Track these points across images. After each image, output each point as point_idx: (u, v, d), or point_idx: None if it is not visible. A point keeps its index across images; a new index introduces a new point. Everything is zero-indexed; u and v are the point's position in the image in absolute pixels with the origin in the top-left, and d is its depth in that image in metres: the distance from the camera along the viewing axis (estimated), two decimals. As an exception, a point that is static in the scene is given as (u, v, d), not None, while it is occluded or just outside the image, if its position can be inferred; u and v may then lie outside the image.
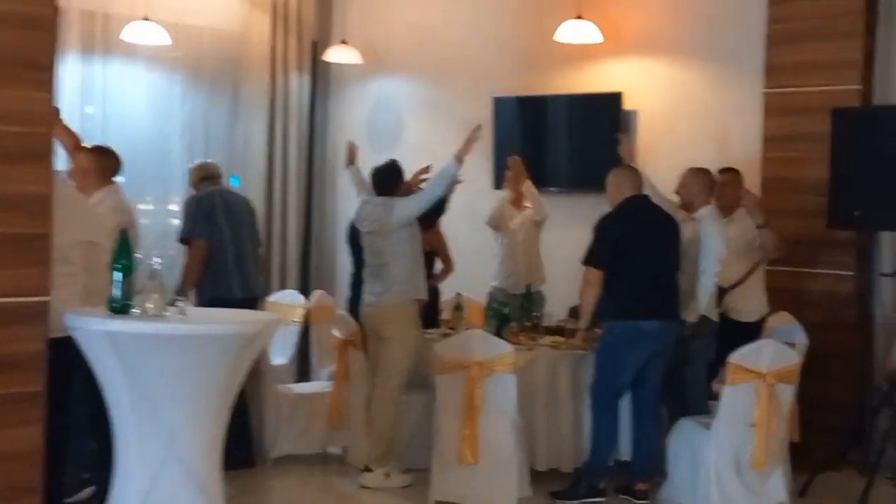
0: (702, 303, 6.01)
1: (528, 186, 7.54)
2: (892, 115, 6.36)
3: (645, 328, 5.79)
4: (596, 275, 5.81)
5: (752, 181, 7.18)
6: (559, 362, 6.19)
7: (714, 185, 6.39)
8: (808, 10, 7.10)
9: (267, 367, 6.45)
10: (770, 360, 5.55)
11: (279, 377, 7.30)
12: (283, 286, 8.90)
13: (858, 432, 6.63)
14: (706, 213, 6.18)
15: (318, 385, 6.90)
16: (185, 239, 6.56)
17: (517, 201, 7.56)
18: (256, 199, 8.85)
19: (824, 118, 6.64)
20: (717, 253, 6.05)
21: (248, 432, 6.36)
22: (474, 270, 7.86)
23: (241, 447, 6.30)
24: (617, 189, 6.01)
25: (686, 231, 6.09)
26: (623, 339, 5.79)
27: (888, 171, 6.20)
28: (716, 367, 6.11)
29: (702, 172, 6.33)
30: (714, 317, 6.12)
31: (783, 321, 6.58)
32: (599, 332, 6.03)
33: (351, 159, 6.95)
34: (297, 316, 7.55)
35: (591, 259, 5.85)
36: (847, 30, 6.93)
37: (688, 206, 6.23)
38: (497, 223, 7.51)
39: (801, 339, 6.31)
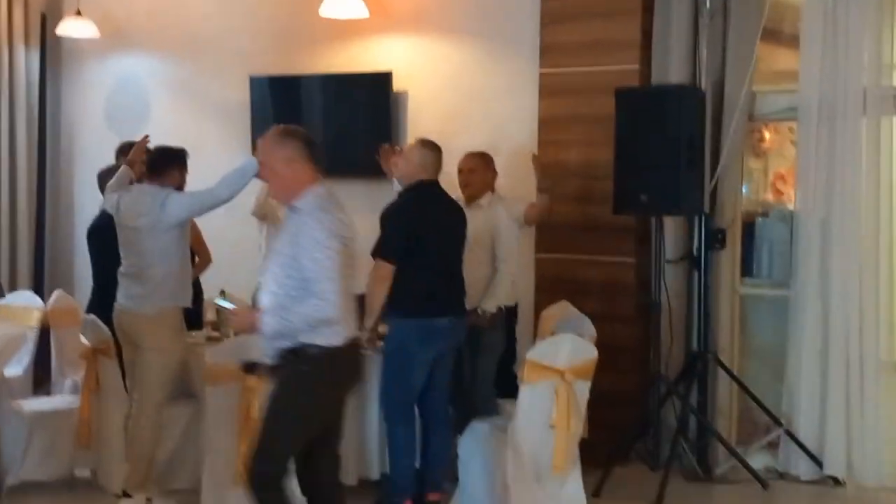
0: (502, 291, 5.72)
1: None
2: (677, 94, 6.13)
3: (437, 325, 5.34)
4: (388, 269, 5.27)
5: (529, 165, 6.87)
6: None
7: None
8: (583, -12, 6.83)
9: (-1, 381, 5.57)
10: (568, 356, 5.19)
11: (13, 391, 6.42)
12: (13, 287, 7.92)
13: (644, 426, 6.45)
14: (494, 199, 5.89)
15: (61, 400, 6.03)
16: None
17: None
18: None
19: (602, 99, 6.38)
20: (515, 239, 5.77)
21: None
22: (234, 264, 7.22)
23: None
24: (418, 168, 5.47)
25: (476, 219, 5.70)
26: (413, 339, 5.31)
27: (672, 152, 5.99)
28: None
29: (487, 156, 6.00)
30: (511, 304, 5.80)
31: (565, 312, 6.28)
32: (384, 331, 5.55)
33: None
34: (34, 320, 6.68)
35: (382, 251, 5.32)
36: (624, 8, 6.69)
37: (476, 193, 5.85)
38: (263, 213, 6.86)
39: (589, 330, 5.99)
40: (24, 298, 6.88)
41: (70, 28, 8.14)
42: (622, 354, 6.44)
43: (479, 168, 6.02)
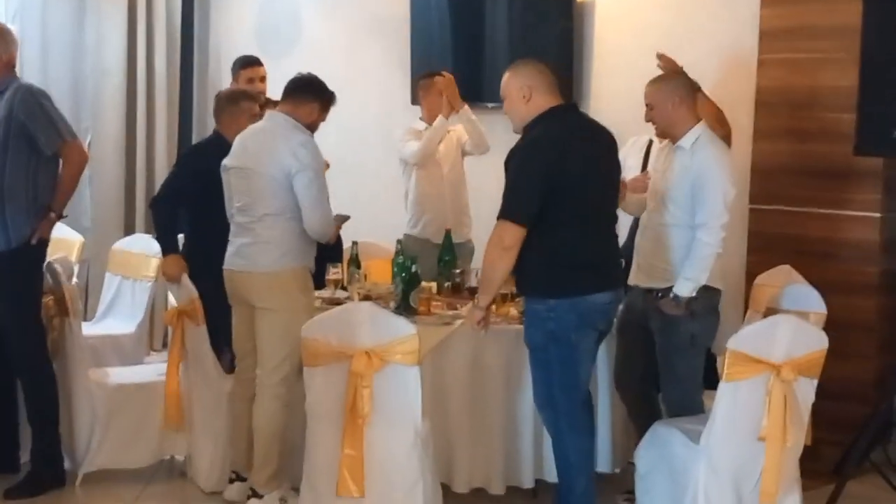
0: (701, 267, 4.16)
1: (466, 112, 5.69)
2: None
3: (596, 303, 4.02)
4: (516, 233, 3.92)
5: (745, 91, 5.54)
6: (487, 340, 4.37)
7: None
8: None
9: (75, 344, 4.59)
10: (787, 345, 3.87)
11: (124, 352, 5.56)
12: (150, 233, 6.98)
13: (885, 428, 4.99)
14: (701, 135, 4.28)
15: (153, 370, 5.00)
16: None
17: None
18: (113, 125, 7.03)
19: (844, 4, 5.01)
20: (724, 195, 4.19)
21: (54, 439, 4.57)
22: (389, 209, 6.15)
23: (45, 460, 4.56)
24: (527, 96, 4.07)
25: (675, 164, 4.30)
26: (569, 325, 3.99)
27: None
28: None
29: (674, 81, 4.43)
30: (719, 284, 4.34)
31: (786, 280, 4.90)
32: (514, 311, 4.37)
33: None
34: (151, 270, 5.76)
35: (508, 210, 3.97)
36: None
37: (667, 130, 4.40)
38: (426, 161, 5.72)
39: (816, 305, 4.64)
40: (142, 244, 5.95)
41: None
42: (859, 336, 5.15)
43: (659, 101, 4.32)
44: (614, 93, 5.98)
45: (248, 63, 5.97)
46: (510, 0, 6.42)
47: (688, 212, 4.21)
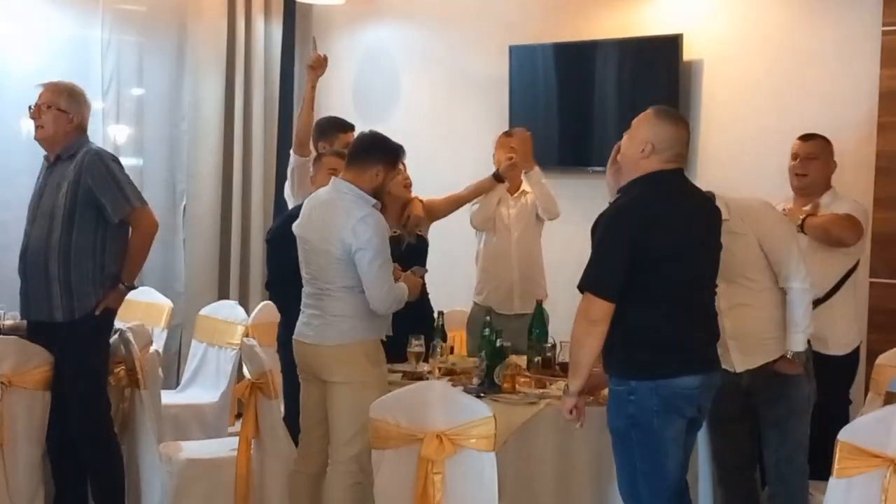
0: (808, 315, 4.04)
1: (535, 174, 5.39)
2: None
3: (683, 388, 3.59)
4: (603, 308, 3.53)
5: (864, 154, 5.18)
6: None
7: None
8: None
9: (146, 416, 4.41)
10: (905, 437, 3.46)
11: (207, 422, 5.42)
12: (244, 301, 6.79)
13: None
14: (728, 199, 4.06)
15: (227, 443, 4.77)
16: None
17: (512, 184, 5.48)
18: (209, 188, 6.94)
19: None
20: (791, 234, 4.17)
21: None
22: (452, 273, 5.89)
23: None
24: (646, 152, 3.63)
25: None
26: (651, 408, 3.58)
27: None
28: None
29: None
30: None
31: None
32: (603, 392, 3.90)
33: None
34: (236, 337, 5.60)
35: (594, 283, 3.58)
36: None
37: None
38: (486, 225, 5.46)
39: (943, 391, 4.21)
40: (226, 311, 5.80)
41: (312, -8, 7.07)
42: None
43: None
44: (722, 153, 5.69)
45: (345, 127, 5.60)
46: (620, 58, 6.12)
47: (765, 274, 4.04)
